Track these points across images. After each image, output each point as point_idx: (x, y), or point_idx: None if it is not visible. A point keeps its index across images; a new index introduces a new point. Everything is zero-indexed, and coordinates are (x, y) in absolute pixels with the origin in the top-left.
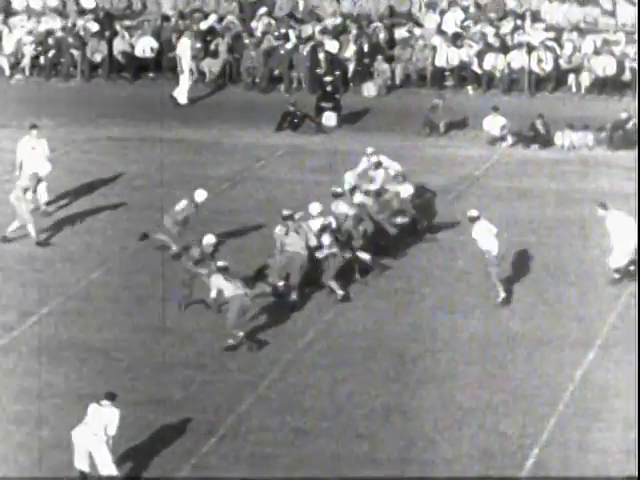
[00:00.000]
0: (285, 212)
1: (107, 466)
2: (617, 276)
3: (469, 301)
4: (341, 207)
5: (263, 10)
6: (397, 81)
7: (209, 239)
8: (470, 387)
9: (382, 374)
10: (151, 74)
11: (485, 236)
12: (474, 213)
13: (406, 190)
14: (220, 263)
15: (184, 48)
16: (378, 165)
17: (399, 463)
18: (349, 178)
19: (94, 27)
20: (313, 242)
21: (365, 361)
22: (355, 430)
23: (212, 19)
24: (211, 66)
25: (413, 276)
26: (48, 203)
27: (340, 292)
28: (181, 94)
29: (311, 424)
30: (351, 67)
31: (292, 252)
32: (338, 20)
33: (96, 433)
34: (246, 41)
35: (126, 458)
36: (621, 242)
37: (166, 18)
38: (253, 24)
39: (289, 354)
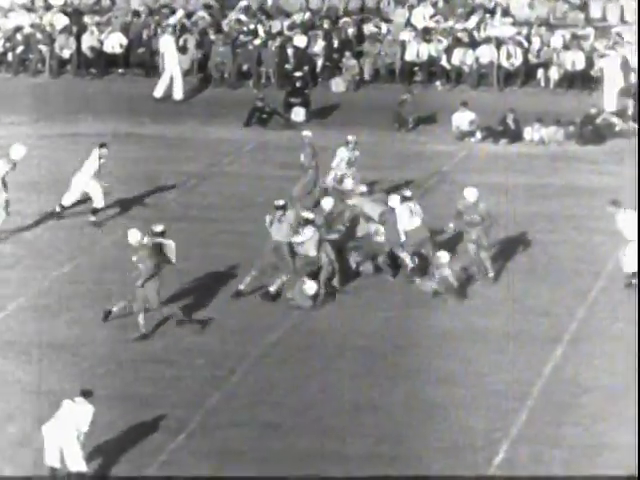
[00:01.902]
0: (277, 202)
1: (77, 463)
2: (634, 281)
3: (435, 297)
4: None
5: (242, 4)
6: (366, 76)
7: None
8: (439, 383)
9: (351, 370)
10: (120, 70)
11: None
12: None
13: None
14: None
15: (166, 45)
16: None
17: (368, 459)
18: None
19: (62, 22)
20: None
21: (334, 357)
22: (324, 426)
23: (180, 15)
24: (180, 62)
25: (381, 273)
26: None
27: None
28: (176, 91)
29: (280, 420)
30: (320, 62)
31: (274, 241)
32: (306, 15)
33: (68, 429)
34: (213, 37)
35: (95, 455)
36: (633, 244)
37: (136, 14)
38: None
39: (258, 350)
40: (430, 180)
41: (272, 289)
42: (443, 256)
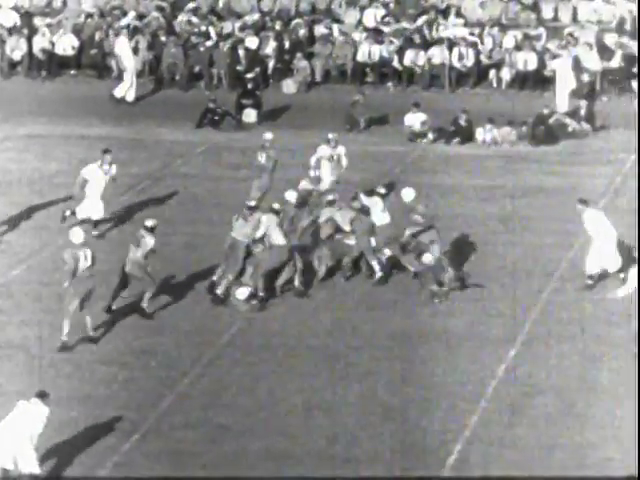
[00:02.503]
0: (249, 203)
1: (30, 464)
2: (590, 282)
3: (390, 297)
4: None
5: (190, 5)
6: (317, 77)
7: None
8: (392, 383)
9: (303, 371)
10: (72, 71)
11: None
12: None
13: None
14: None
15: (122, 46)
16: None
17: (321, 460)
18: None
19: (10, 22)
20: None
21: (286, 358)
22: (277, 427)
23: (131, 16)
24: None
25: (334, 273)
26: None
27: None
28: (128, 92)
29: (233, 421)
30: (271, 64)
31: (231, 238)
32: (256, 16)
33: (21, 430)
34: (164, 39)
35: (47, 456)
36: (597, 245)
37: (89, 16)
38: (177, 20)
39: (211, 351)
40: (382, 181)
41: (219, 291)
42: (427, 258)
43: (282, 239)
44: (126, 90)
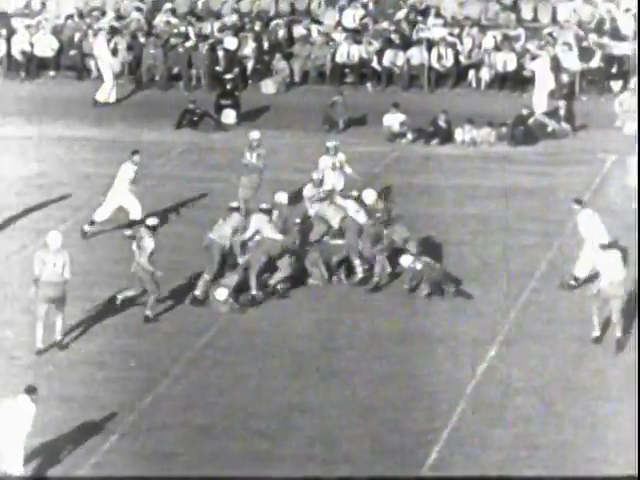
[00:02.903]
0: (231, 204)
1: (15, 465)
2: (573, 283)
3: (369, 298)
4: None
5: (168, 6)
6: (296, 78)
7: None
8: (371, 384)
9: (283, 371)
10: (51, 73)
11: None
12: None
13: None
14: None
15: (100, 47)
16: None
17: (301, 460)
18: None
19: None
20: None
21: (266, 359)
22: (256, 428)
23: (110, 17)
24: (111, 64)
25: (313, 274)
26: None
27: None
28: (109, 93)
29: (212, 422)
30: (250, 64)
31: (208, 238)
32: (234, 17)
33: (7, 429)
34: (143, 40)
35: (27, 456)
36: (587, 248)
37: (69, 17)
38: (156, 20)
39: (190, 352)
40: (361, 182)
41: (197, 293)
42: (406, 260)
43: (277, 235)
44: (108, 92)
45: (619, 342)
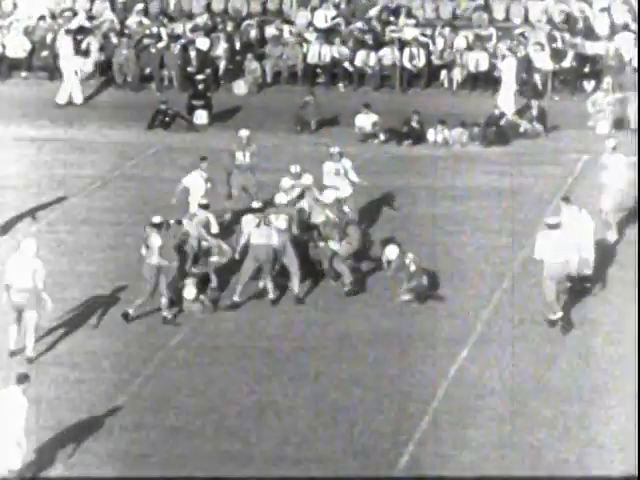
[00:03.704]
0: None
1: (11, 461)
2: (568, 284)
3: (341, 299)
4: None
5: (140, 7)
6: (268, 79)
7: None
8: (343, 385)
9: (254, 372)
10: (23, 73)
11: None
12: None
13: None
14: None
15: (64, 47)
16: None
17: (272, 461)
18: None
19: None
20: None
21: (237, 359)
22: (228, 428)
23: (82, 17)
24: (82, 65)
25: (284, 274)
26: None
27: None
28: (75, 95)
29: (184, 422)
30: (222, 65)
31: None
32: (205, 17)
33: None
34: (115, 40)
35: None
36: (583, 244)
37: (41, 18)
38: (128, 21)
39: (162, 352)
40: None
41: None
42: (392, 251)
43: (264, 239)
44: (69, 93)
45: (564, 325)
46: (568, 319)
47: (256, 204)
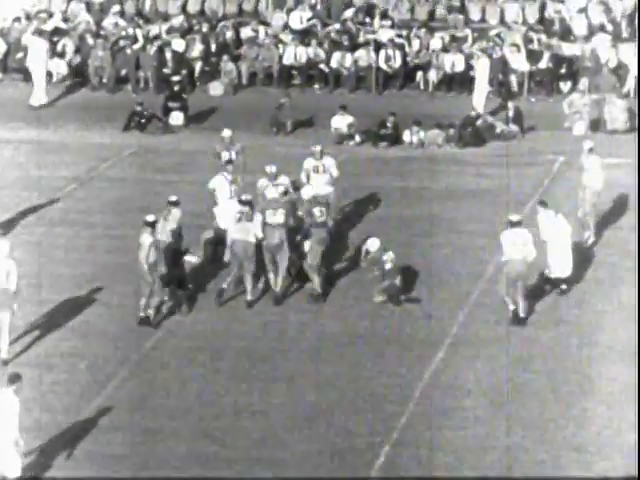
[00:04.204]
0: (170, 198)
1: (11, 466)
2: (547, 287)
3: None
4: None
5: (116, 8)
6: (244, 80)
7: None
8: (319, 386)
9: (231, 373)
10: None
11: None
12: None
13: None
14: None
15: (35, 48)
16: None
17: (249, 462)
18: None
19: None
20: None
21: (213, 361)
22: (204, 429)
23: (57, 18)
24: (58, 66)
25: (260, 276)
26: None
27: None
28: (40, 95)
29: (160, 424)
30: (198, 66)
31: (156, 240)
32: (180, 18)
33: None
34: (90, 41)
35: None
36: (553, 249)
37: (17, 19)
38: (104, 22)
39: (137, 354)
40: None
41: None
42: (374, 243)
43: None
44: (39, 95)
45: (519, 319)
46: (516, 314)
47: (245, 197)
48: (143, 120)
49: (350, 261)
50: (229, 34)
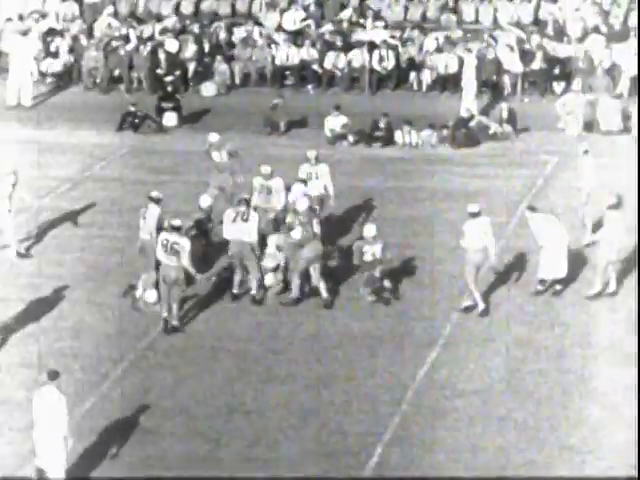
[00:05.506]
0: (151, 194)
1: (56, 468)
2: (540, 288)
3: (310, 301)
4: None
5: (110, 10)
6: (237, 81)
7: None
8: (312, 387)
9: (224, 374)
10: None
11: None
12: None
13: None
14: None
15: (17, 47)
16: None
17: (242, 462)
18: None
19: None
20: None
21: (207, 361)
22: (198, 429)
23: (51, 19)
24: (51, 67)
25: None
26: None
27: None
28: (24, 96)
29: (154, 424)
30: (191, 67)
31: (141, 240)
32: (174, 19)
33: (45, 424)
34: (84, 42)
35: None
36: (547, 251)
37: (8, 19)
38: (97, 23)
39: (132, 354)
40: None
41: (137, 293)
42: (370, 229)
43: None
44: (18, 94)
45: (482, 312)
46: (486, 307)
47: (244, 196)
48: (136, 120)
49: (343, 261)
50: (222, 35)
